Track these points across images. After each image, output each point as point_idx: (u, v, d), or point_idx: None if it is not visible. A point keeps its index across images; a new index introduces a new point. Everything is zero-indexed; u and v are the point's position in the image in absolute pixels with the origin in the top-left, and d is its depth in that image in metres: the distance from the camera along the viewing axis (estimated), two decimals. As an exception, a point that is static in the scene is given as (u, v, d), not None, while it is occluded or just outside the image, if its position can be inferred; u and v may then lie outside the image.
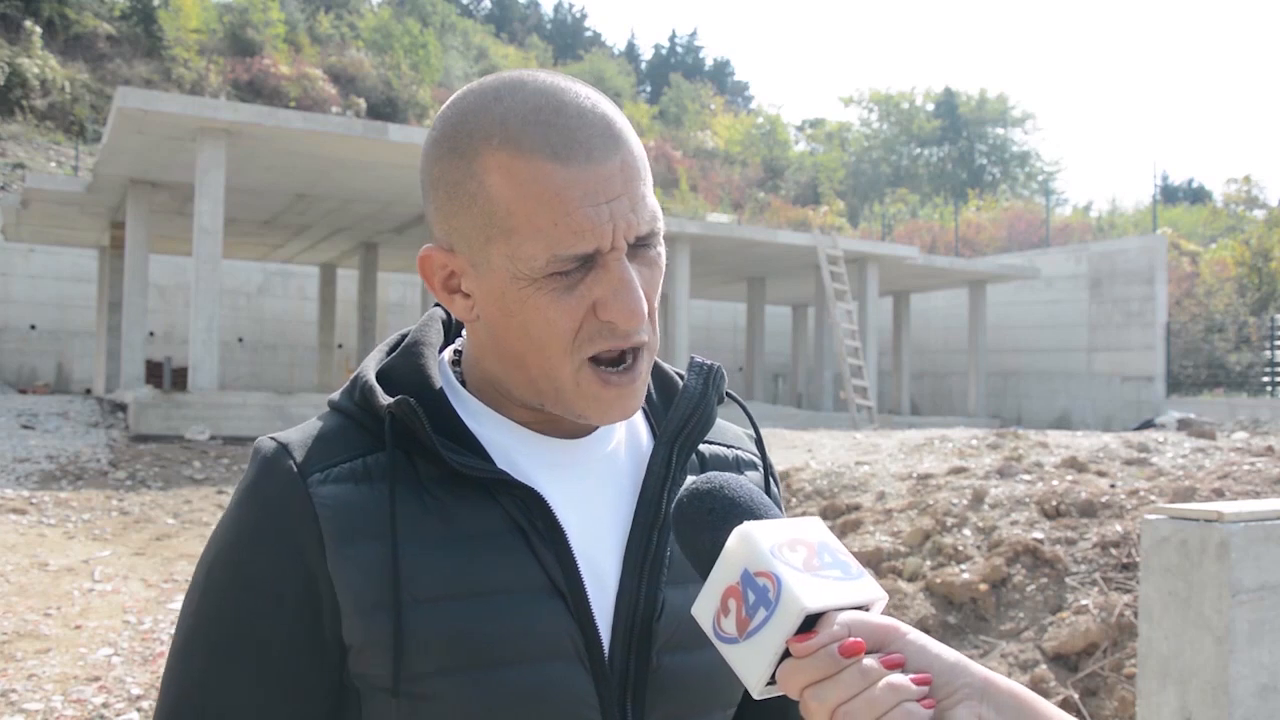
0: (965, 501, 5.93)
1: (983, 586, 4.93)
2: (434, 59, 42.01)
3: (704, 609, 0.73)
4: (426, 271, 0.90)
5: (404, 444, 0.88)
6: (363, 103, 36.20)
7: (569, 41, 62.78)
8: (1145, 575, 2.88)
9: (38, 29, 31.14)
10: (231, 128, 13.19)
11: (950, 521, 5.69)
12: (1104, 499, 5.52)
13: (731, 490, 0.78)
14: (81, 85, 31.99)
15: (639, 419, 1.00)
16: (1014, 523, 5.46)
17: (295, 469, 0.87)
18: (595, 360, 0.86)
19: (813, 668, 0.68)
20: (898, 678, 0.67)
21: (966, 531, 5.55)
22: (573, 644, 0.86)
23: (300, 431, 0.91)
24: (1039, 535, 5.20)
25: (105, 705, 4.48)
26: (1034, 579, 4.91)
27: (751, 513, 0.76)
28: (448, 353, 0.99)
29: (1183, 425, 13.58)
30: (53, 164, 28.54)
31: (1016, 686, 0.70)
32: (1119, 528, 5.06)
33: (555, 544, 0.87)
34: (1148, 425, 17.07)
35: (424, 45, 41.94)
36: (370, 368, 0.94)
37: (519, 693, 0.84)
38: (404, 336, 0.99)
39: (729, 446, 1.05)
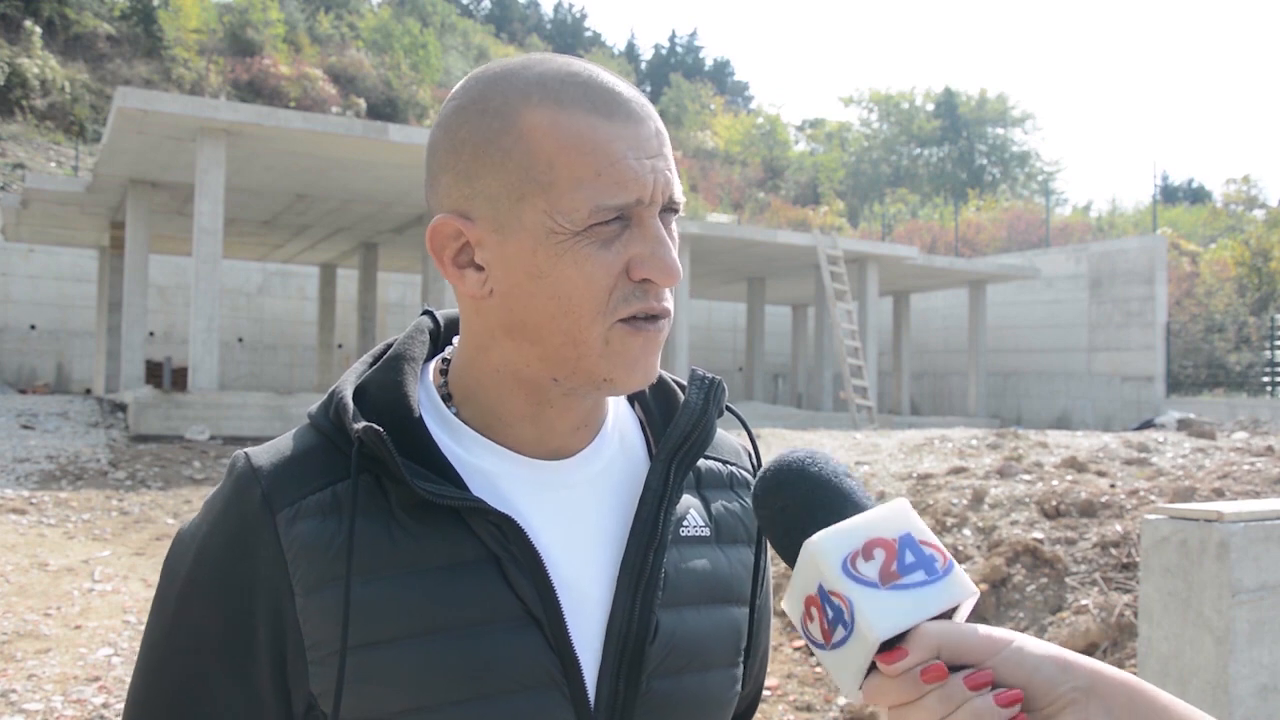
0: (965, 501, 5.93)
1: (983, 586, 4.92)
2: (434, 59, 42.03)
3: (791, 610, 0.71)
4: (436, 244, 0.87)
5: (375, 468, 0.85)
6: (363, 103, 36.22)
7: (569, 41, 62.81)
8: (1145, 575, 2.88)
9: (38, 29, 31.15)
10: (231, 128, 13.19)
11: (950, 521, 5.69)
12: (1104, 499, 5.52)
13: (807, 483, 0.74)
14: (81, 85, 32.00)
15: (635, 433, 0.98)
16: (1014, 523, 5.46)
17: (266, 505, 0.85)
18: (623, 320, 0.84)
19: (896, 691, 0.66)
20: (982, 702, 0.64)
21: (966, 531, 5.55)
22: (549, 673, 0.84)
23: (275, 452, 0.89)
24: (1039, 535, 5.19)
25: (105, 705, 4.48)
26: (1034, 579, 4.91)
27: (829, 508, 0.71)
28: (434, 364, 0.96)
29: (1183, 425, 13.57)
30: (53, 164, 28.55)
31: (1127, 677, 0.66)
32: (1119, 528, 5.06)
33: (532, 570, 0.84)
34: (1148, 425, 17.07)
35: (424, 45, 41.97)
36: (349, 382, 0.91)
37: None
38: (389, 346, 0.95)
39: (725, 462, 1.02)
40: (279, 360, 25.45)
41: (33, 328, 22.98)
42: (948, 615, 0.68)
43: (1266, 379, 22.11)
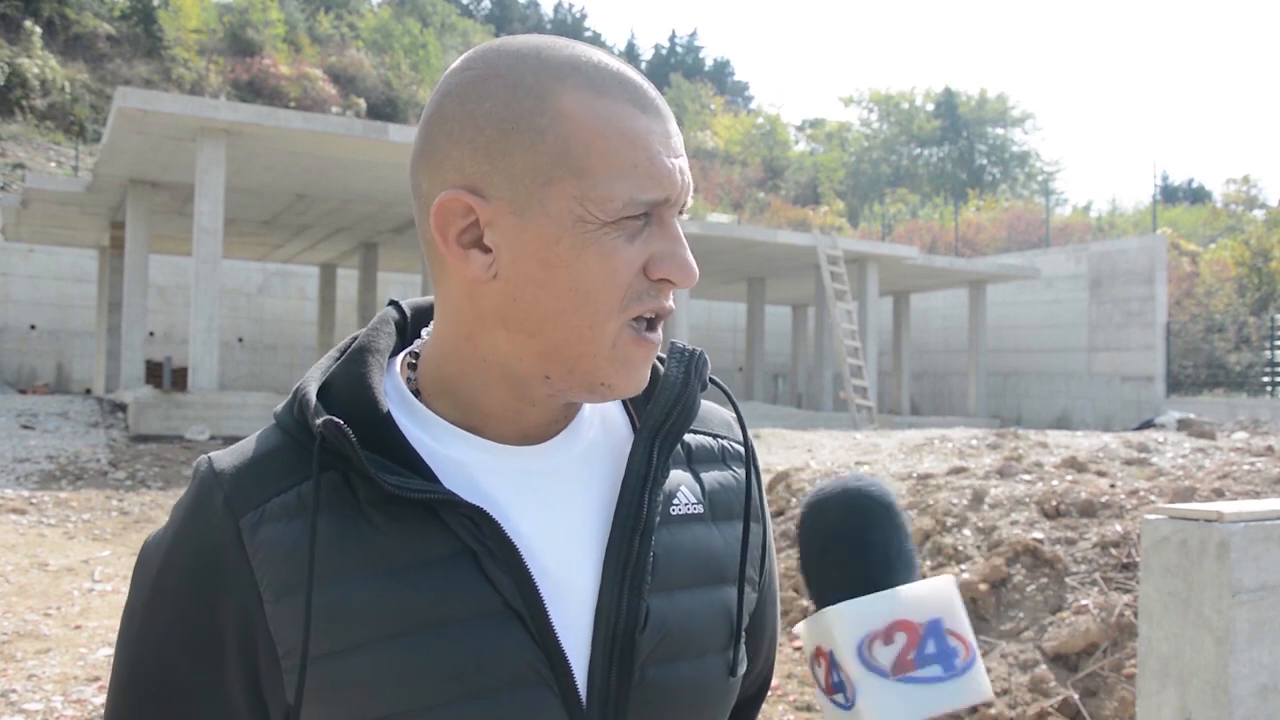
0: (965, 501, 5.93)
1: (983, 586, 4.92)
2: (434, 59, 42.03)
3: (805, 643, 0.70)
4: (442, 220, 0.81)
5: (341, 466, 0.81)
6: (363, 103, 36.24)
7: (569, 41, 62.81)
8: (1145, 575, 2.88)
9: (38, 29, 31.17)
10: (231, 128, 13.19)
11: (950, 521, 5.69)
12: (1104, 499, 5.52)
13: (860, 527, 0.71)
14: (81, 85, 32.01)
15: (617, 411, 0.94)
16: (1014, 523, 5.46)
17: (229, 510, 0.81)
18: (631, 323, 0.82)
19: None
20: None
21: (966, 531, 5.55)
22: (533, 668, 0.81)
23: (238, 455, 0.85)
24: (1039, 535, 5.19)
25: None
26: (1034, 579, 4.91)
27: (870, 569, 0.69)
28: (401, 358, 0.92)
29: (1183, 425, 13.57)
30: (53, 164, 28.55)
31: None
32: (1119, 528, 5.06)
33: (509, 562, 0.81)
34: (1148, 425, 17.06)
35: (424, 45, 41.99)
36: (313, 378, 0.87)
37: None
38: (354, 339, 0.91)
39: (715, 436, 0.98)
40: (279, 360, 25.46)
41: (33, 328, 22.99)
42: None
43: (1266, 379, 22.10)
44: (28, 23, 31.15)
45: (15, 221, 19.39)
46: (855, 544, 0.70)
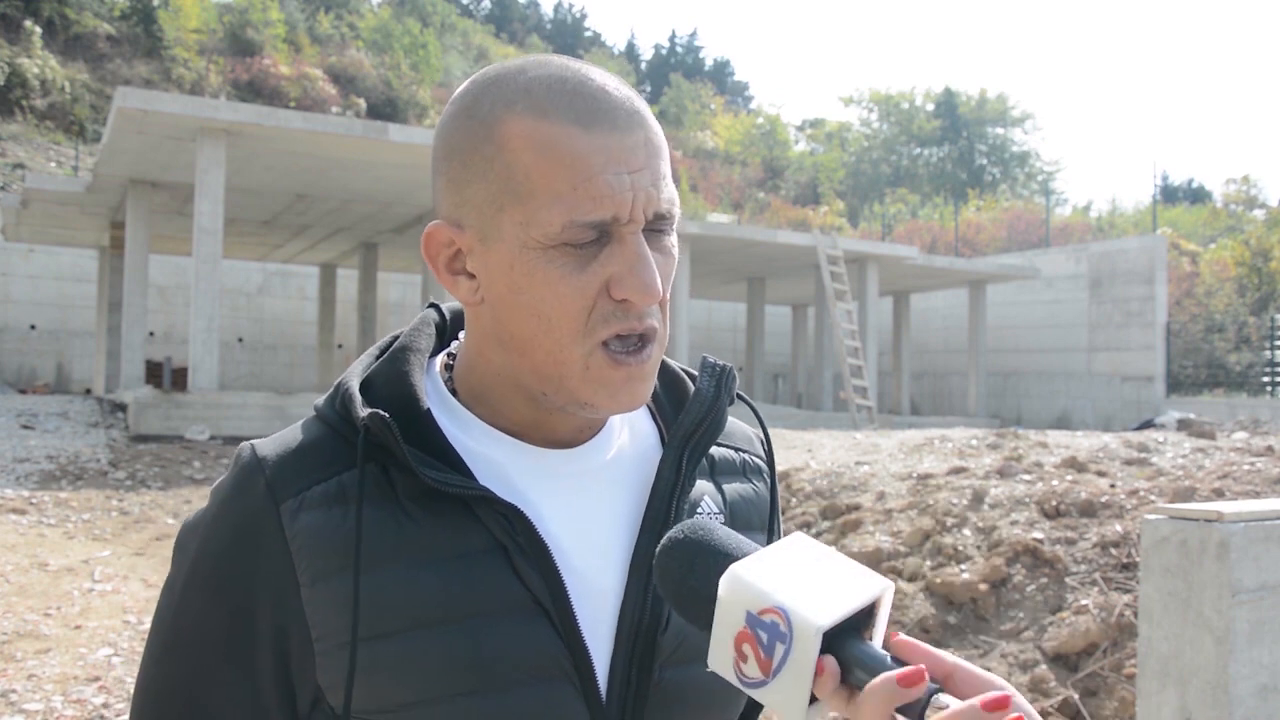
0: (965, 501, 5.93)
1: (983, 586, 4.93)
2: (434, 59, 42.04)
3: (720, 661, 0.70)
4: (431, 251, 0.87)
5: (381, 458, 0.85)
6: (363, 103, 36.22)
7: (569, 41, 62.81)
8: (1145, 575, 2.88)
9: (38, 29, 31.16)
10: (231, 128, 13.19)
11: (950, 521, 5.69)
12: (1104, 499, 5.52)
13: (706, 536, 0.74)
14: (81, 85, 32.00)
15: (645, 421, 0.97)
16: (1014, 523, 5.46)
17: (270, 495, 0.84)
18: (606, 345, 0.83)
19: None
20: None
21: (966, 531, 5.55)
22: (557, 663, 0.83)
23: (280, 444, 0.88)
24: (1039, 535, 5.19)
25: (105, 705, 4.48)
26: (1034, 579, 4.91)
27: (733, 553, 0.73)
28: (440, 359, 0.96)
29: (1183, 425, 13.56)
30: (53, 164, 28.55)
31: None
32: (1119, 528, 5.06)
33: (539, 560, 0.84)
34: (1148, 425, 17.06)
35: (424, 45, 41.97)
36: (355, 374, 0.91)
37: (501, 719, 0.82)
38: (395, 339, 0.95)
39: (737, 450, 1.02)
40: (279, 360, 25.46)
41: (33, 328, 22.98)
42: (872, 608, 0.69)
43: (1266, 379, 22.10)
44: (28, 23, 31.14)
45: (15, 221, 19.39)
46: (710, 545, 0.74)
